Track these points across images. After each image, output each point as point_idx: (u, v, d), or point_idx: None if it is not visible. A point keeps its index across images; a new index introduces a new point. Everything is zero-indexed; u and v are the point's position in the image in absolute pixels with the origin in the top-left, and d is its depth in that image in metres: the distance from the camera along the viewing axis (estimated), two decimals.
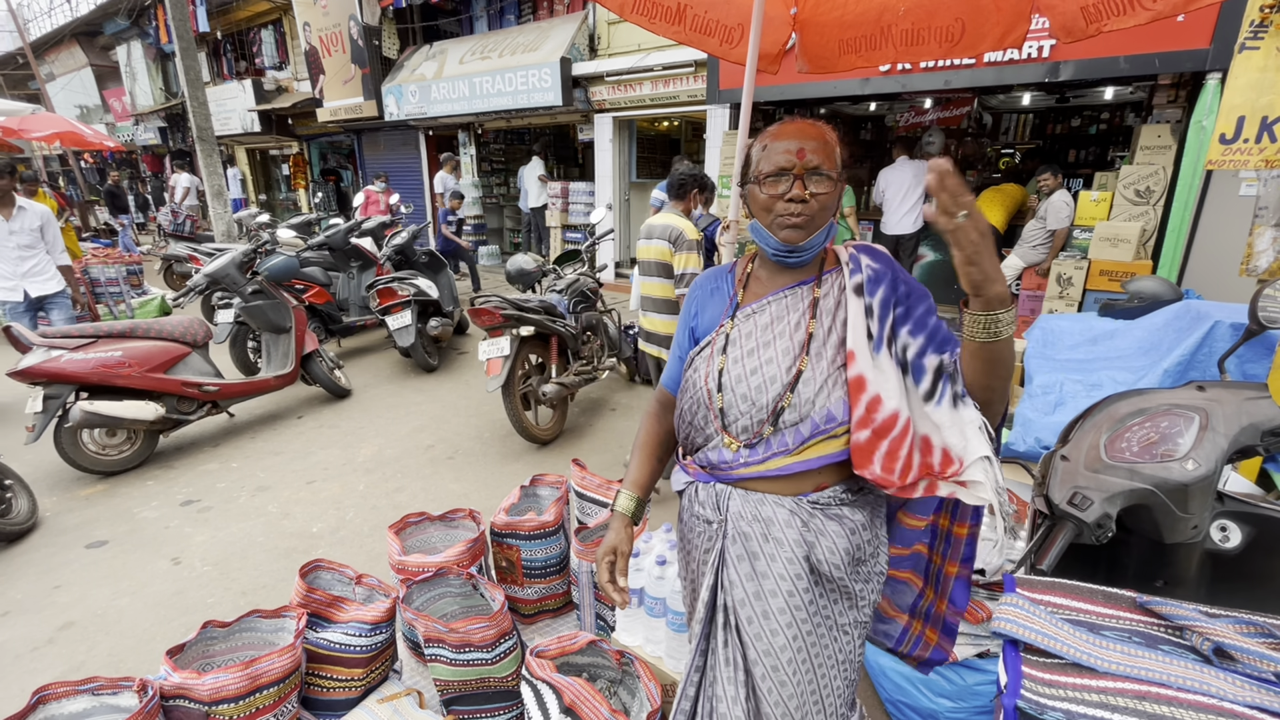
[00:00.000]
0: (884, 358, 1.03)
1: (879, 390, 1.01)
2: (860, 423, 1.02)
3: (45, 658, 2.24)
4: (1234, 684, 0.60)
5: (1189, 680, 0.60)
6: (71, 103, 18.20)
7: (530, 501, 2.46)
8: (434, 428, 4.26)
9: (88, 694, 1.53)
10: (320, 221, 7.25)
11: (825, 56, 2.16)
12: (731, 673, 1.12)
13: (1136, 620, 0.72)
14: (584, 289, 4.43)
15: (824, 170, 1.04)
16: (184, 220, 9.74)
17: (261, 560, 2.80)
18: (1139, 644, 0.66)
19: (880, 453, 1.01)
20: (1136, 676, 0.62)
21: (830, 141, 1.07)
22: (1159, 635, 0.69)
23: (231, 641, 1.78)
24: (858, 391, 1.02)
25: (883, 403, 1.01)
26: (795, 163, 1.04)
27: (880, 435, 1.01)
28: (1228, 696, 0.59)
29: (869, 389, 1.02)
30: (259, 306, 4.29)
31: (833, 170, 1.05)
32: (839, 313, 1.09)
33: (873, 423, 1.01)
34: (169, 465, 3.75)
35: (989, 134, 8.04)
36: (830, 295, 1.11)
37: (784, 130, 1.08)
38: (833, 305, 1.10)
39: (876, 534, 1.13)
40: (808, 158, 1.04)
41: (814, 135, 1.06)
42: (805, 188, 1.04)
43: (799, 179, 1.04)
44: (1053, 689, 0.62)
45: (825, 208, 1.06)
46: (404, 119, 10.34)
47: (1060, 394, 2.64)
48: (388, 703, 1.80)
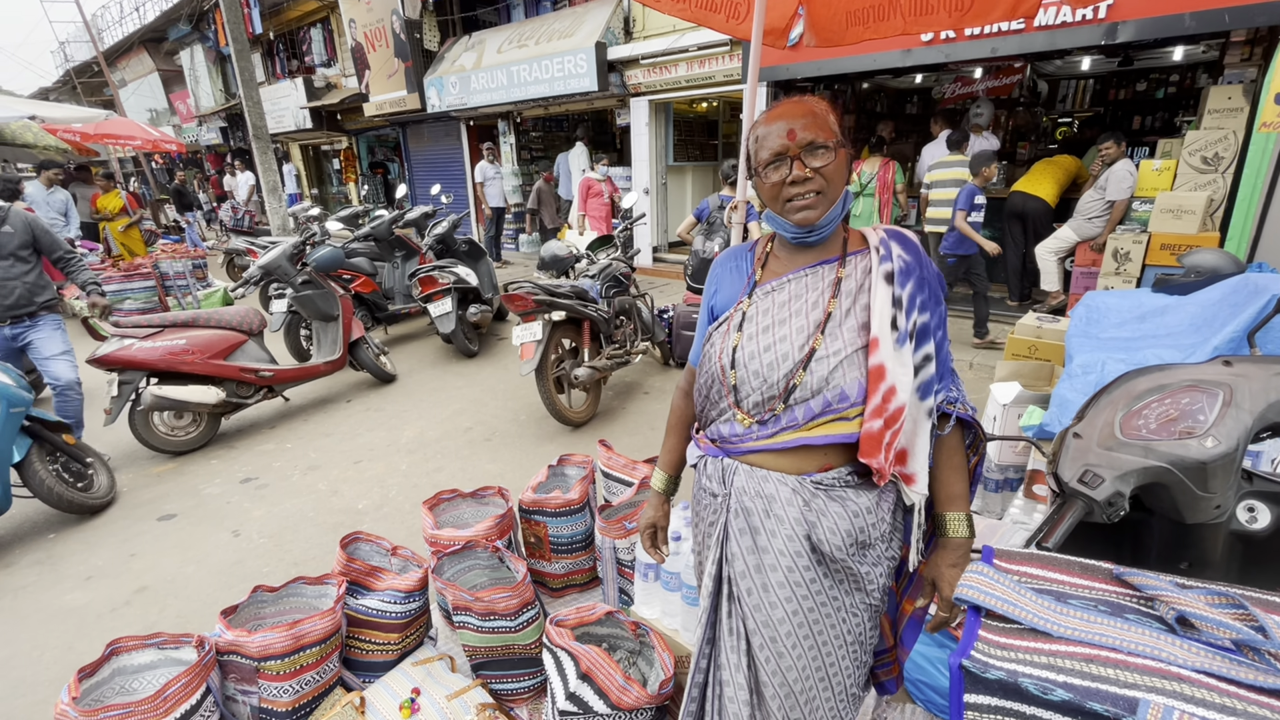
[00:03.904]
0: (906, 351, 1.04)
1: (896, 382, 1.03)
2: (875, 411, 1.03)
3: (123, 617, 2.47)
4: (1188, 650, 0.60)
5: (1141, 645, 0.60)
6: (142, 106, 19.30)
7: (557, 480, 2.54)
8: (473, 411, 4.40)
9: (154, 648, 1.69)
10: (368, 213, 7.51)
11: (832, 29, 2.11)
12: (734, 642, 1.16)
13: (1108, 590, 0.71)
14: (616, 274, 4.48)
15: (819, 142, 1.04)
16: (243, 215, 10.24)
17: (312, 534, 2.99)
18: (1103, 612, 0.66)
19: (885, 442, 1.03)
20: (1089, 641, 0.62)
21: (820, 112, 1.06)
22: (1127, 605, 0.68)
23: (279, 605, 1.92)
24: (877, 379, 1.03)
25: (897, 394, 1.03)
26: (788, 144, 1.04)
27: (889, 425, 1.03)
28: (1177, 661, 0.58)
29: (888, 378, 1.02)
30: (309, 296, 4.51)
31: (829, 139, 1.04)
32: (862, 296, 1.09)
33: (885, 412, 1.03)
34: (230, 445, 4.02)
35: (1044, 102, 7.62)
36: (853, 277, 1.10)
37: (771, 115, 1.09)
38: (855, 287, 1.09)
39: (884, 519, 1.12)
40: (799, 135, 1.03)
41: (801, 111, 1.06)
42: (805, 165, 1.04)
43: (796, 159, 1.04)
44: (1003, 651, 0.63)
45: (832, 179, 1.06)
46: (445, 110, 10.55)
47: (1101, 373, 2.53)
48: (421, 665, 1.92)
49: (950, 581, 1.11)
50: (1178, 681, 0.57)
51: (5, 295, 3.34)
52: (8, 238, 3.33)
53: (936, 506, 1.14)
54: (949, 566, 1.11)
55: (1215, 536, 1.28)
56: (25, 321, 3.44)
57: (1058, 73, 7.25)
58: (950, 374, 1.13)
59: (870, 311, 1.06)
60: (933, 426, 1.09)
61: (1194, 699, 0.56)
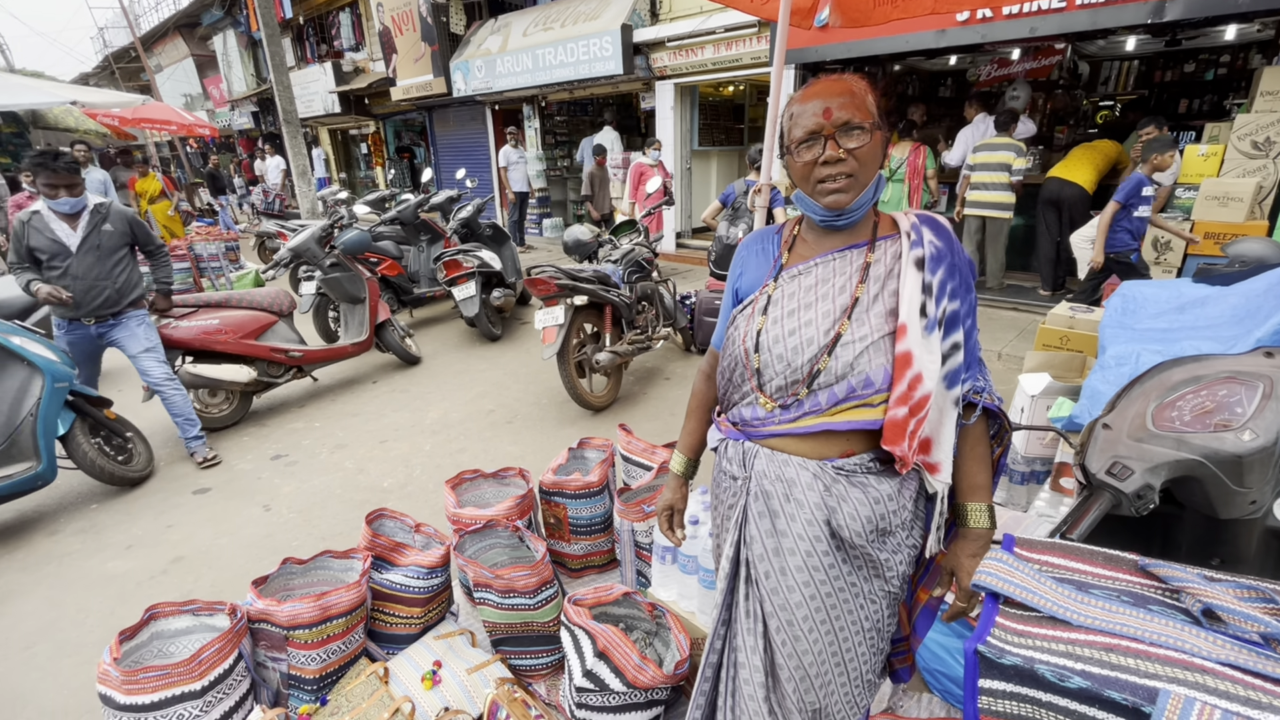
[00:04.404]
0: (934, 338, 1.02)
1: (922, 369, 1.01)
2: (900, 399, 1.02)
3: (160, 585, 2.57)
4: (1212, 642, 0.58)
5: (1164, 636, 0.59)
6: (177, 92, 19.69)
7: (577, 463, 2.57)
8: (495, 393, 4.46)
9: (189, 614, 1.76)
10: (394, 197, 7.59)
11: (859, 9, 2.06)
12: (751, 624, 1.16)
13: (1132, 581, 0.70)
14: (639, 259, 4.46)
15: (856, 122, 1.00)
16: (274, 199, 10.43)
17: (339, 510, 3.07)
18: (1126, 603, 0.65)
19: (909, 430, 1.02)
20: (1110, 631, 0.61)
21: (859, 92, 1.03)
22: (1151, 596, 0.67)
23: (308, 577, 1.98)
24: (904, 367, 1.02)
25: (923, 382, 1.01)
26: (823, 123, 1.01)
27: (913, 413, 1.02)
28: (1201, 653, 0.57)
29: (914, 366, 1.01)
30: (336, 278, 4.58)
31: (866, 120, 1.01)
32: (891, 281, 1.07)
33: (911, 400, 1.01)
34: (262, 423, 4.13)
35: (1084, 85, 7.35)
36: (883, 262, 1.08)
37: (808, 93, 1.06)
38: (884, 273, 1.07)
39: (905, 506, 1.11)
40: (835, 114, 1.00)
41: (839, 90, 1.03)
42: (839, 146, 1.01)
43: (830, 139, 1.01)
44: (1020, 638, 0.62)
45: (866, 163, 1.02)
46: (471, 94, 10.57)
47: (1136, 365, 2.45)
48: (443, 639, 1.97)
49: (969, 571, 1.09)
50: (1200, 673, 0.56)
51: (96, 295, 3.22)
52: (108, 236, 3.24)
53: (958, 496, 1.13)
54: (968, 556, 1.10)
55: (1250, 533, 1.25)
56: (110, 320, 3.34)
57: (1100, 54, 6.97)
58: (978, 363, 1.11)
59: (899, 298, 1.04)
60: (958, 415, 1.08)
61: (1217, 691, 0.55)
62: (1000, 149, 5.33)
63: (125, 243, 3.32)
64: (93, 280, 3.21)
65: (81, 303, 3.19)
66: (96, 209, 3.22)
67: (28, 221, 3.09)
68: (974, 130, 5.94)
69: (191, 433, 3.55)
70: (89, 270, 3.19)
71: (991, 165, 5.37)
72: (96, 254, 3.20)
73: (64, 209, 3.09)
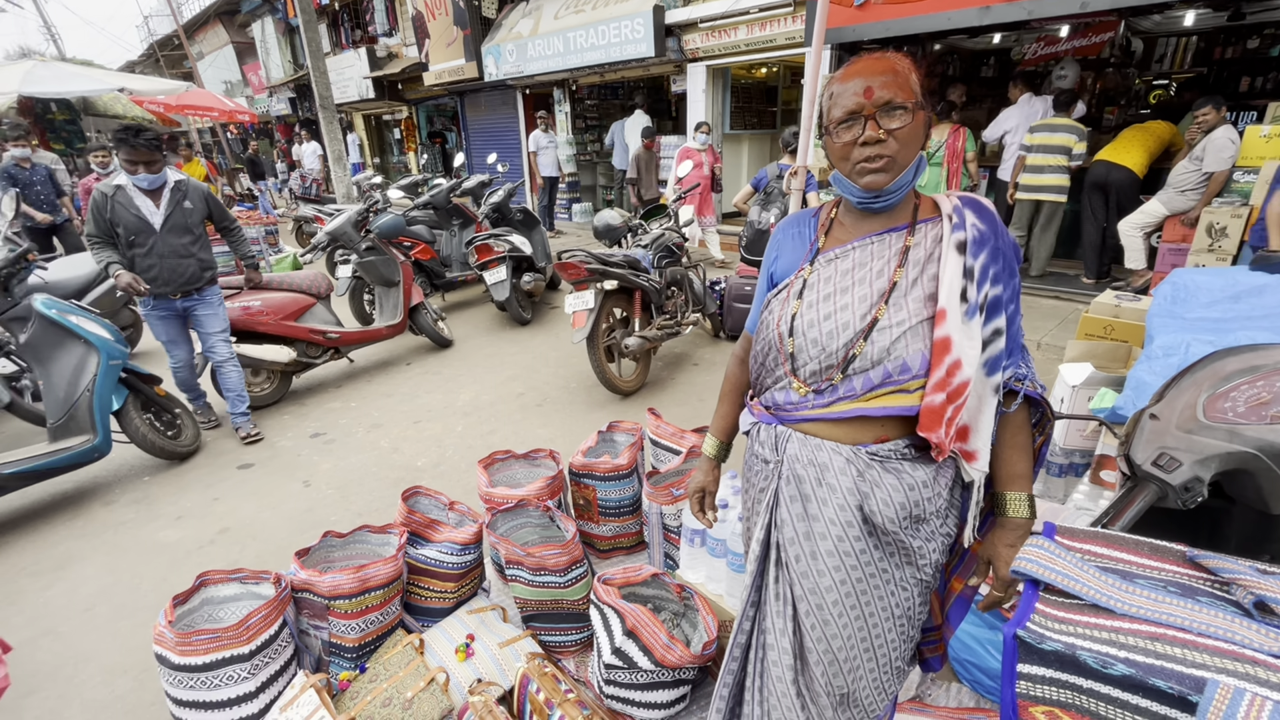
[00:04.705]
0: (974, 324, 1.00)
1: (961, 355, 0.99)
2: (938, 385, 1.00)
3: (208, 554, 2.69)
4: (1264, 634, 0.57)
5: (1212, 627, 0.58)
6: (218, 79, 20.13)
7: (606, 446, 2.59)
8: (525, 377, 4.51)
9: (237, 581, 1.84)
10: (427, 182, 7.67)
11: None
12: (780, 607, 1.16)
13: (1179, 572, 0.68)
14: (669, 244, 4.45)
15: (897, 102, 0.98)
16: (311, 184, 10.64)
17: (374, 487, 3.16)
18: (1173, 593, 0.63)
19: (946, 417, 1.01)
20: (1155, 620, 0.60)
21: (901, 71, 1.00)
22: (1200, 588, 0.65)
23: (347, 550, 2.05)
24: (942, 353, 1.00)
25: (962, 368, 0.99)
26: (864, 103, 0.99)
27: (951, 400, 1.00)
28: (1252, 645, 0.56)
29: (953, 352, 0.99)
30: (372, 262, 4.67)
31: (908, 100, 0.99)
32: (931, 265, 1.05)
33: (949, 386, 1.00)
34: (301, 402, 4.26)
35: (1137, 63, 7.02)
36: (922, 246, 1.06)
37: (849, 71, 1.04)
38: (924, 256, 1.05)
39: (940, 494, 1.10)
40: (877, 94, 0.98)
41: (881, 69, 1.00)
42: (879, 126, 0.99)
43: (870, 119, 0.99)
44: (1061, 625, 0.61)
45: (907, 143, 1.00)
46: (502, 79, 10.57)
47: (1185, 356, 2.37)
48: (476, 614, 2.02)
49: (1006, 561, 1.08)
50: (1251, 664, 0.55)
51: (181, 271, 3.30)
52: (187, 213, 3.28)
53: (996, 485, 1.11)
54: (1006, 546, 1.08)
55: None
56: (195, 296, 3.43)
57: (1155, 29, 6.63)
58: (1020, 350, 1.08)
59: (939, 282, 1.02)
60: (998, 403, 1.05)
61: (1269, 683, 0.54)
62: (1060, 130, 5.12)
63: (204, 219, 3.40)
64: (177, 257, 3.28)
65: (167, 279, 3.27)
66: (177, 186, 3.27)
67: (112, 195, 3.10)
68: (1018, 111, 5.73)
69: (240, 408, 3.68)
70: (172, 247, 3.25)
71: (1050, 147, 5.16)
72: (179, 231, 3.26)
73: (143, 184, 3.13)
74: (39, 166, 6.71)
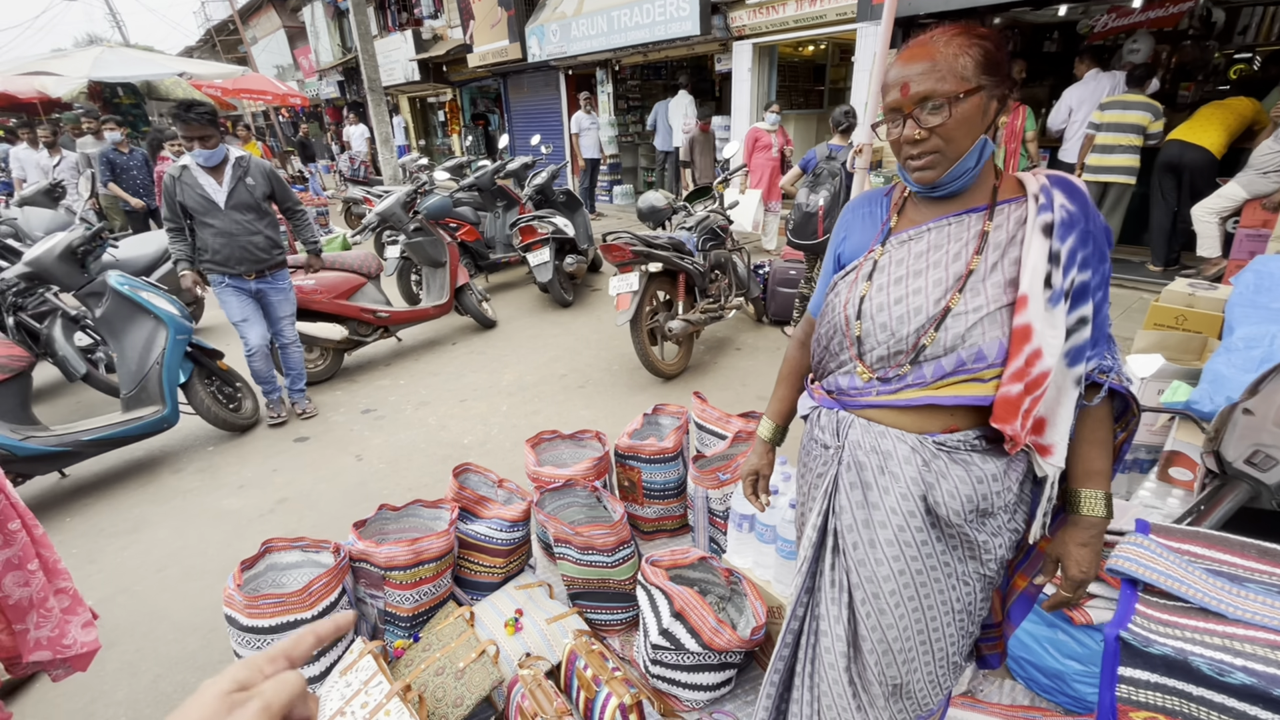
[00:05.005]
0: (1058, 312, 0.95)
1: (1042, 344, 0.94)
2: (1016, 375, 0.96)
3: (268, 523, 2.81)
4: None
5: None
6: (270, 63, 20.64)
7: (652, 429, 2.60)
8: (568, 358, 4.55)
9: (299, 549, 1.92)
10: (471, 164, 7.73)
11: None
12: (835, 594, 1.15)
13: None
14: (714, 226, 4.39)
15: (939, 93, 0.93)
16: (359, 166, 10.87)
17: (423, 463, 3.24)
18: None
19: (1023, 408, 0.96)
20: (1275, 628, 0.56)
21: (945, 56, 0.94)
22: None
23: (400, 523, 2.12)
24: (1021, 341, 0.95)
25: (1042, 358, 0.94)
26: (901, 100, 0.97)
27: (1029, 390, 0.95)
28: None
29: (1034, 341, 0.94)
30: (420, 243, 4.76)
31: (954, 89, 0.93)
32: (1013, 249, 0.99)
33: (1027, 376, 0.95)
34: (352, 379, 4.39)
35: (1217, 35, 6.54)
36: (1004, 228, 1.01)
37: (897, 59, 1.00)
38: (1005, 239, 1.00)
39: (1010, 488, 1.05)
40: (913, 89, 0.95)
41: (922, 57, 0.95)
42: (918, 125, 0.96)
43: (910, 117, 0.97)
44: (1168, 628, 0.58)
45: (953, 137, 0.95)
46: (545, 59, 10.55)
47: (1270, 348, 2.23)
48: (523, 590, 2.06)
49: (1078, 561, 1.04)
50: None
51: (249, 249, 3.27)
52: (250, 189, 3.24)
53: (1071, 481, 1.06)
54: (1078, 545, 1.04)
55: None
56: (268, 277, 3.42)
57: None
58: (1106, 340, 1.02)
59: (1021, 266, 0.97)
60: (1079, 396, 1.00)
61: None
62: (1134, 108, 4.83)
63: (267, 197, 3.36)
64: (246, 235, 3.26)
65: (238, 258, 3.27)
66: (238, 162, 3.24)
67: (178, 177, 3.13)
68: (1084, 88, 5.43)
69: (299, 385, 3.81)
70: (237, 225, 3.23)
71: (1122, 126, 4.87)
72: (243, 208, 3.24)
73: (202, 160, 3.12)
74: (136, 151, 6.89)
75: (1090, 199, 0.99)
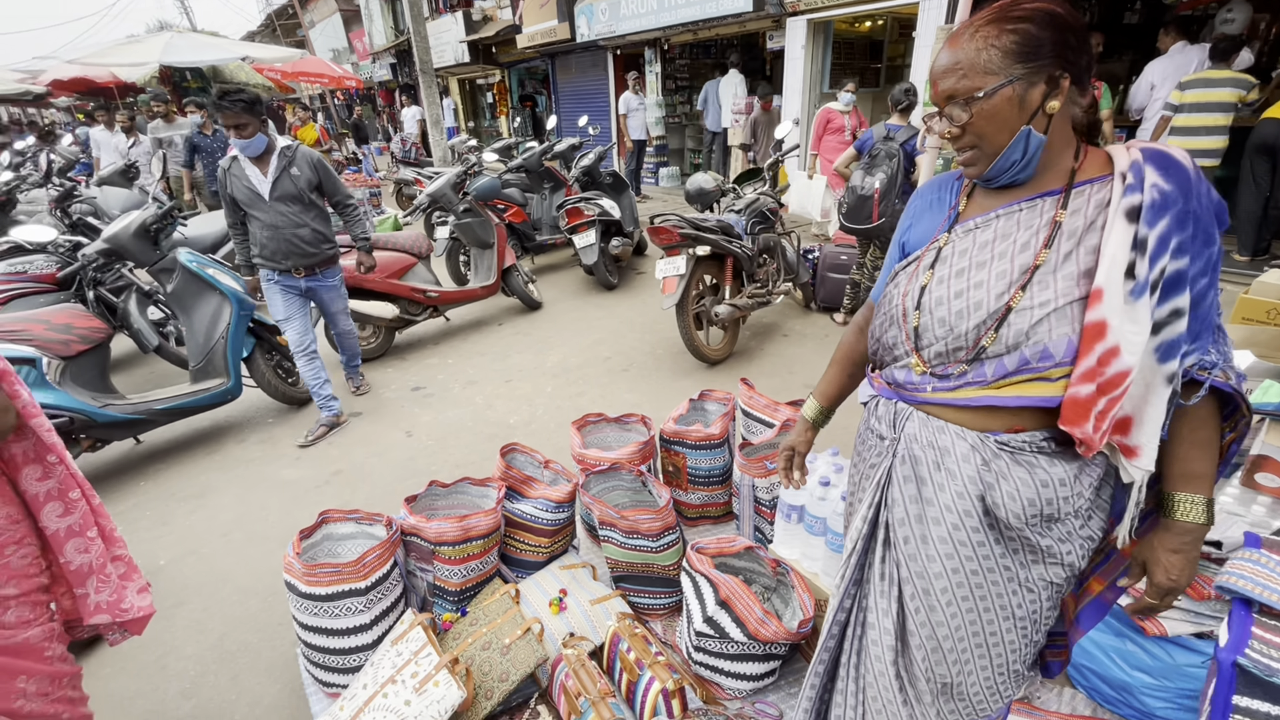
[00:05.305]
0: (1143, 305, 0.85)
1: (1120, 341, 0.86)
2: (1086, 375, 0.88)
3: (324, 494, 2.92)
4: None
5: None
6: (326, 46, 21.14)
7: (697, 414, 2.57)
8: (612, 341, 4.54)
9: (353, 521, 1.98)
10: (519, 145, 7.76)
11: None
12: (885, 587, 1.12)
13: None
14: (763, 209, 4.29)
15: (961, 91, 0.91)
16: (410, 148, 11.06)
17: (470, 441, 3.30)
18: None
19: (1096, 410, 0.88)
20: None
21: (969, 51, 0.89)
22: None
23: (449, 499, 2.16)
24: (1093, 339, 0.87)
25: (1119, 356, 0.86)
26: (936, 98, 0.95)
27: (1104, 392, 0.87)
28: None
29: (1109, 338, 0.86)
30: (469, 224, 4.81)
31: (976, 85, 0.89)
32: (1090, 235, 0.91)
33: (1101, 376, 0.87)
34: (402, 357, 4.51)
35: None
36: (1081, 213, 0.92)
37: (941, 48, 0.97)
38: (1082, 226, 0.91)
39: (1082, 494, 0.98)
40: (941, 87, 0.93)
41: (950, 51, 0.92)
42: (951, 121, 0.94)
43: (945, 115, 0.95)
44: None
45: (983, 134, 0.92)
46: (594, 39, 10.46)
47: None
48: (567, 570, 2.08)
49: (1168, 568, 0.96)
50: None
51: (296, 244, 3.09)
52: (295, 179, 3.05)
53: (1166, 484, 0.98)
54: (1169, 552, 0.96)
55: None
56: (317, 275, 3.27)
57: None
58: (1211, 332, 0.92)
59: (1099, 255, 0.89)
60: (1174, 394, 0.91)
61: None
62: (1221, 85, 4.45)
63: (314, 188, 3.15)
64: (291, 228, 3.08)
65: (285, 253, 3.11)
66: (284, 151, 3.06)
67: (228, 169, 3.05)
68: (1169, 63, 5.04)
69: (355, 364, 3.90)
70: (282, 218, 3.06)
71: (1208, 105, 4.49)
72: (288, 199, 3.06)
73: (238, 148, 2.96)
74: (219, 134, 7.10)
75: (1196, 173, 0.89)
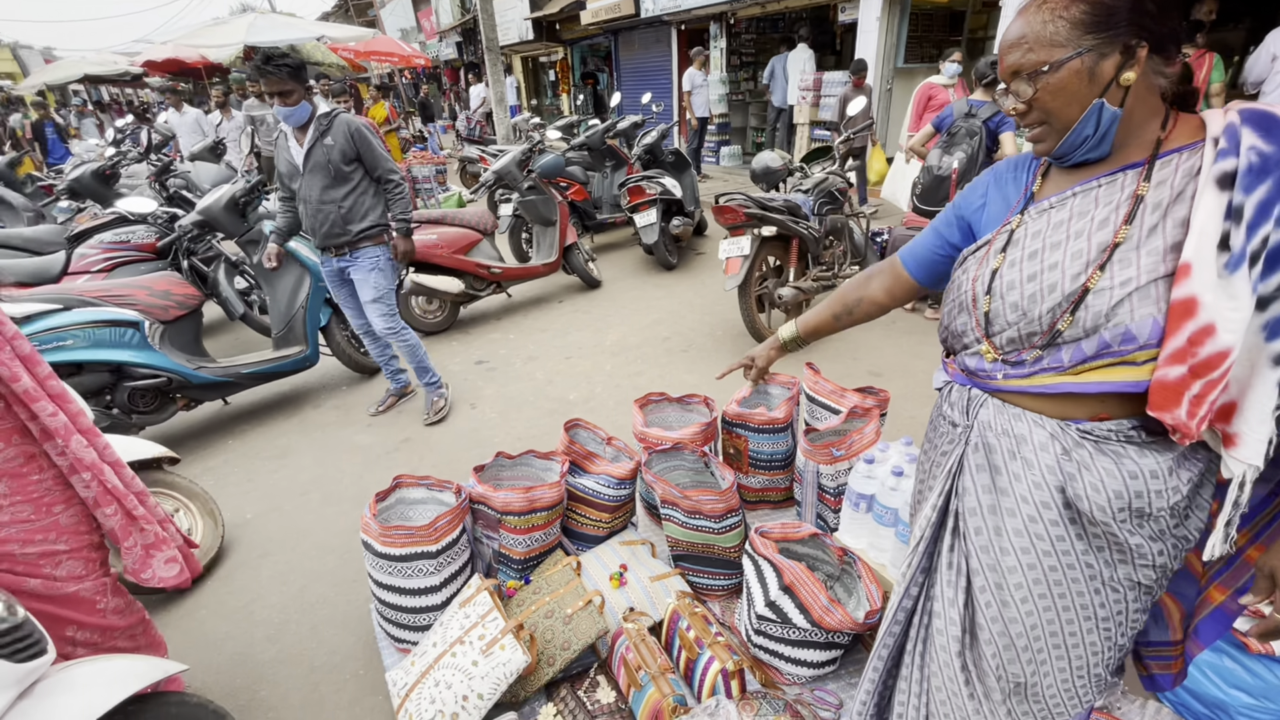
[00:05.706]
0: (1240, 279, 0.77)
1: (1214, 319, 0.78)
2: (1175, 356, 0.81)
3: (394, 460, 3.05)
4: None
5: None
6: (395, 26, 21.63)
7: (760, 398, 2.53)
8: (671, 321, 4.53)
9: (424, 487, 2.06)
10: (582, 123, 7.76)
11: None
12: (953, 577, 1.09)
13: None
14: (831, 189, 4.15)
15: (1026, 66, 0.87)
16: (475, 125, 11.24)
17: (532, 415, 3.37)
18: None
19: (1190, 394, 0.81)
20: None
21: (1035, 23, 0.86)
22: None
23: (514, 471, 2.21)
24: (1182, 317, 0.80)
25: (1215, 335, 0.78)
26: (1002, 71, 0.92)
27: (1197, 374, 0.80)
28: None
29: (1200, 316, 0.79)
30: (532, 201, 4.86)
31: (1042, 59, 0.85)
32: (1178, 207, 0.83)
33: (1193, 357, 0.80)
34: (466, 331, 4.63)
35: None
36: (1167, 184, 0.85)
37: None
38: (1168, 198, 0.84)
39: (1179, 488, 0.90)
40: (1006, 62, 0.90)
41: (1017, 24, 0.89)
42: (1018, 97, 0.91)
43: (1010, 92, 0.92)
44: None
45: (1051, 110, 0.88)
46: (658, 14, 10.30)
47: None
48: (627, 546, 2.10)
49: None
50: None
51: (321, 221, 2.84)
52: (327, 150, 2.75)
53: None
54: None
55: None
56: (348, 254, 2.95)
57: None
58: None
59: (1188, 227, 0.81)
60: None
61: None
62: None
63: (349, 160, 2.81)
64: (317, 204, 2.83)
65: (313, 230, 2.91)
66: (320, 119, 2.77)
67: (276, 140, 2.99)
68: None
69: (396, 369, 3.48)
70: (313, 192, 2.82)
71: None
72: (318, 170, 2.79)
73: (283, 117, 2.74)
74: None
75: None
